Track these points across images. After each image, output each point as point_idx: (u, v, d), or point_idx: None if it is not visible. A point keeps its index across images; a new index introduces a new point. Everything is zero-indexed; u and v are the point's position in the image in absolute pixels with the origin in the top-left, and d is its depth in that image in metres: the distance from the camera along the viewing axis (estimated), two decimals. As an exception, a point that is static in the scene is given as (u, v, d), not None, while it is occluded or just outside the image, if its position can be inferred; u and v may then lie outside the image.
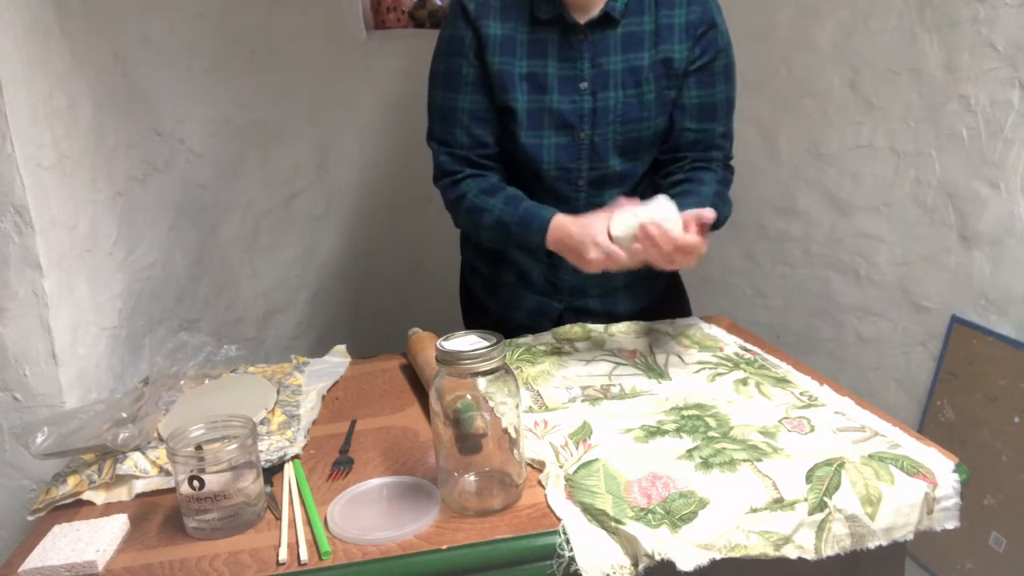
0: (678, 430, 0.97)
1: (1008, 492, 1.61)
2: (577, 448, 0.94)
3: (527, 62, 1.22)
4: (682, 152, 1.28)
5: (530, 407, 1.07)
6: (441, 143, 1.29)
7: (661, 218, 1.05)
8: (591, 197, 1.29)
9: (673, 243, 1.03)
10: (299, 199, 2.18)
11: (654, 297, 1.44)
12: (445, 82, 1.26)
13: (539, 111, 1.23)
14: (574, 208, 1.28)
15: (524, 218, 1.20)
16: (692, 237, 1.04)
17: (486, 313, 1.45)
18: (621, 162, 1.27)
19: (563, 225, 1.15)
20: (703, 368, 1.16)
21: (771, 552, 0.79)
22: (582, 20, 1.20)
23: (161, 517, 0.90)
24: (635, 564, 0.77)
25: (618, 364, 1.20)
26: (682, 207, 1.09)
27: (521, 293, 1.39)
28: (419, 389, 1.19)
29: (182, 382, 1.17)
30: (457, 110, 1.26)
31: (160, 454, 0.98)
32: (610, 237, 1.09)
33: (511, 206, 1.22)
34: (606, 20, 1.20)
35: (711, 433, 0.96)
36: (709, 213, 1.06)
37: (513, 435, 0.86)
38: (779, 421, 0.98)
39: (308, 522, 0.86)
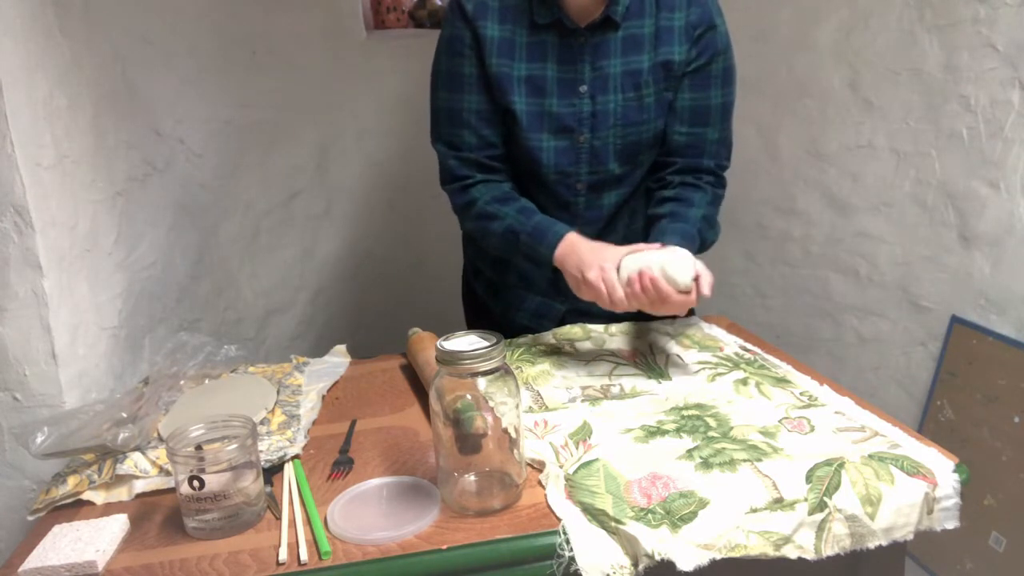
0: (678, 430, 0.97)
1: (1008, 492, 1.61)
2: (577, 448, 0.94)
3: (526, 65, 1.22)
4: (672, 156, 1.27)
5: (530, 407, 1.07)
6: (448, 146, 1.27)
7: (673, 271, 1.05)
8: (590, 201, 1.28)
9: (662, 299, 1.05)
10: (299, 199, 2.18)
11: None
12: (448, 83, 1.24)
13: (538, 114, 1.22)
14: (573, 212, 1.28)
15: (537, 229, 1.19)
16: (681, 297, 1.05)
17: (489, 314, 1.45)
18: (620, 166, 1.26)
19: (575, 244, 1.15)
20: (703, 368, 1.16)
21: (771, 552, 0.79)
22: (582, 24, 1.20)
23: (161, 517, 0.90)
24: (635, 564, 0.77)
25: (618, 364, 1.20)
26: (671, 232, 1.14)
27: (524, 294, 1.39)
28: (419, 389, 1.19)
29: (182, 382, 1.17)
30: (463, 111, 1.24)
31: (160, 454, 0.98)
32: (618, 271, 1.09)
33: (524, 215, 1.21)
34: (607, 23, 1.20)
35: (711, 433, 0.96)
36: (707, 290, 1.07)
37: (513, 435, 0.86)
38: (779, 421, 0.98)
39: (308, 522, 0.86)
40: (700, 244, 1.20)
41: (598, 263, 1.09)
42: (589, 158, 1.25)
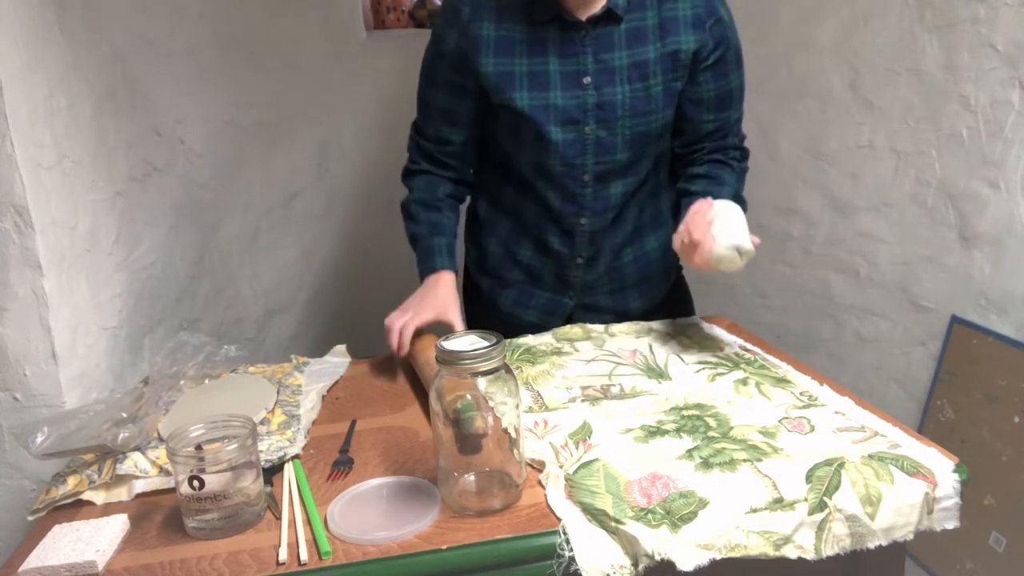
0: (678, 430, 0.97)
1: (1008, 492, 1.61)
2: (577, 448, 0.94)
3: (527, 60, 1.23)
4: (701, 142, 1.32)
5: (530, 407, 1.07)
6: (415, 128, 1.39)
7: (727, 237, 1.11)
8: (597, 191, 1.29)
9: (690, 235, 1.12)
10: (299, 199, 2.18)
11: (662, 295, 1.44)
12: (425, 74, 1.33)
13: (543, 108, 1.23)
14: (580, 204, 1.29)
15: (427, 251, 1.32)
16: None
17: (495, 312, 1.44)
18: (628, 156, 1.27)
19: (428, 285, 1.30)
20: (703, 368, 1.16)
21: (771, 552, 0.79)
22: (583, 17, 1.20)
23: (161, 517, 0.90)
24: (635, 564, 0.77)
25: (618, 364, 1.20)
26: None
27: (531, 291, 1.40)
28: (419, 389, 1.19)
29: (182, 382, 1.17)
30: (430, 105, 1.33)
31: (160, 454, 0.98)
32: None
33: (431, 231, 1.33)
34: (609, 16, 1.21)
35: (711, 433, 0.96)
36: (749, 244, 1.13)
37: (513, 435, 0.86)
38: (779, 421, 0.98)
39: (308, 522, 0.86)
40: None
41: (409, 311, 1.23)
42: (595, 149, 1.26)
